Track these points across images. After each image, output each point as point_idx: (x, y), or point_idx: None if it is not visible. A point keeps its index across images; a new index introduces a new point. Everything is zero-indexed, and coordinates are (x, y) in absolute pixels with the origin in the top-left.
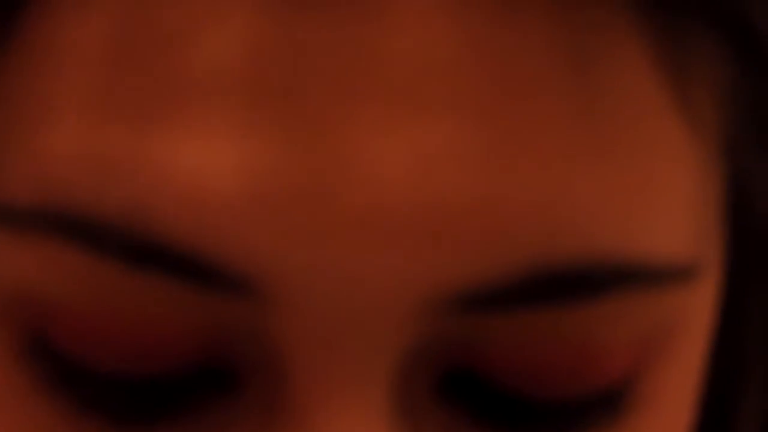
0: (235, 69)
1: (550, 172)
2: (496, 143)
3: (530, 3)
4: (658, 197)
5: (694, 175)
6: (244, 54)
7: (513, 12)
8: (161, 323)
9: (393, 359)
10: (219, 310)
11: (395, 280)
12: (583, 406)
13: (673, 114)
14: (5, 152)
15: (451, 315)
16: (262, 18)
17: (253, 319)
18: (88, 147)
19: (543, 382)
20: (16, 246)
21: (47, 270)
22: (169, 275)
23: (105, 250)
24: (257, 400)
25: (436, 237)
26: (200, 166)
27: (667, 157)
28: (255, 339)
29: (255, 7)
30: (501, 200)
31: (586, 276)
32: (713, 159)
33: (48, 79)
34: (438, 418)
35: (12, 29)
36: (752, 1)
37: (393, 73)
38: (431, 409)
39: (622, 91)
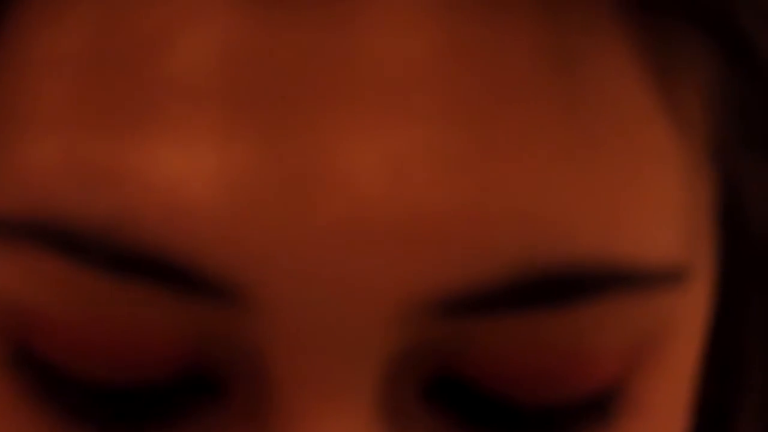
0: (214, 73)
1: (534, 175)
2: (478, 146)
3: (515, 5)
4: (645, 200)
5: (683, 176)
6: (222, 58)
7: (497, 14)
8: (146, 332)
9: (379, 365)
10: (204, 317)
11: (378, 284)
12: (572, 411)
13: (660, 116)
14: None
15: (436, 320)
16: (241, 21)
17: (239, 325)
18: (70, 156)
19: (531, 388)
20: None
21: (31, 280)
22: (154, 284)
23: (89, 259)
24: (244, 407)
25: (417, 242)
26: (181, 174)
27: (654, 159)
28: (241, 345)
29: (233, 11)
30: (483, 204)
31: (572, 280)
32: (702, 161)
33: (28, 87)
34: (425, 424)
35: None
36: (739, 3)
37: (375, 76)
38: (418, 414)
39: (608, 94)
